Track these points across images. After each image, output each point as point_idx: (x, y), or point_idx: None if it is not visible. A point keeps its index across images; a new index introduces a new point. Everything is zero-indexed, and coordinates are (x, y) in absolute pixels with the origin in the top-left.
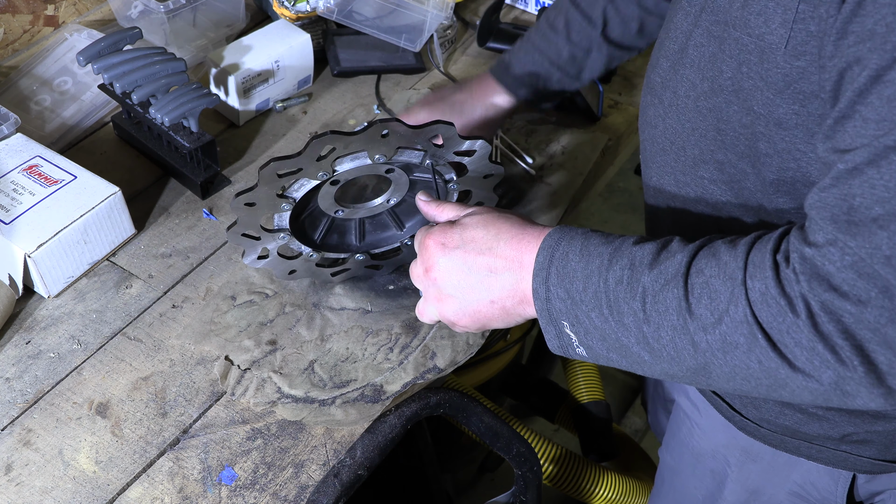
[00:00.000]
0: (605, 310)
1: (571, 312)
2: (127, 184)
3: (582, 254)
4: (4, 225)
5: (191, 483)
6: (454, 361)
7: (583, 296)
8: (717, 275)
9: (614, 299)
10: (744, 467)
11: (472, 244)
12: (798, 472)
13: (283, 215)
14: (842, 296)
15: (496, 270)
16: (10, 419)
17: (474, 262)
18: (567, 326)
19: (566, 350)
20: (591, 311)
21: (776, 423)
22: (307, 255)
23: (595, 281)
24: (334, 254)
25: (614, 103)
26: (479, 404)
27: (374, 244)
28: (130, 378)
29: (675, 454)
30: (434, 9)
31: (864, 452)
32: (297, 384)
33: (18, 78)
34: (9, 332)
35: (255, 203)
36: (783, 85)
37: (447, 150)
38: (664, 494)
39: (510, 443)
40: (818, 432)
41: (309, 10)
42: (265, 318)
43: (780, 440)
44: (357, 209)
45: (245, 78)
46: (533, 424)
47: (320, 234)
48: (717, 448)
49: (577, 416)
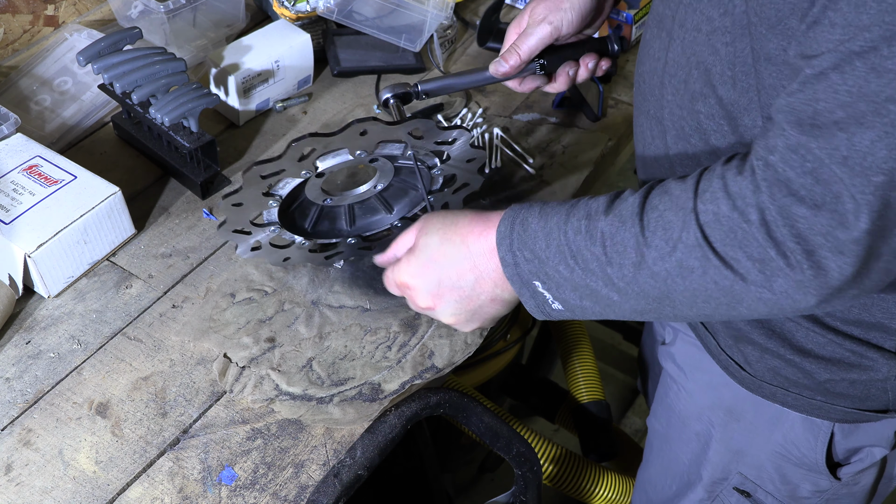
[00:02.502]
0: (570, 260)
1: (541, 271)
2: (127, 184)
3: (540, 215)
4: (4, 225)
5: (191, 483)
6: (452, 361)
7: (547, 252)
8: (669, 207)
9: (576, 249)
10: (727, 427)
11: (433, 242)
12: (780, 430)
13: (272, 210)
14: (799, 200)
15: (461, 256)
16: (10, 419)
17: (440, 258)
18: (539, 286)
19: (543, 309)
20: (559, 265)
21: (757, 365)
22: (299, 243)
23: (556, 236)
24: (326, 240)
25: (614, 103)
26: (479, 404)
27: (364, 228)
28: (130, 378)
29: (663, 420)
30: (434, 9)
31: (840, 403)
32: (295, 381)
33: (18, 78)
34: (9, 332)
35: (243, 203)
36: (775, 20)
37: (427, 142)
38: (652, 461)
39: (510, 443)
40: (796, 378)
41: (309, 10)
42: (264, 315)
43: (760, 386)
44: (345, 196)
45: (245, 78)
46: (533, 424)
47: (311, 223)
48: (703, 410)
49: (577, 416)
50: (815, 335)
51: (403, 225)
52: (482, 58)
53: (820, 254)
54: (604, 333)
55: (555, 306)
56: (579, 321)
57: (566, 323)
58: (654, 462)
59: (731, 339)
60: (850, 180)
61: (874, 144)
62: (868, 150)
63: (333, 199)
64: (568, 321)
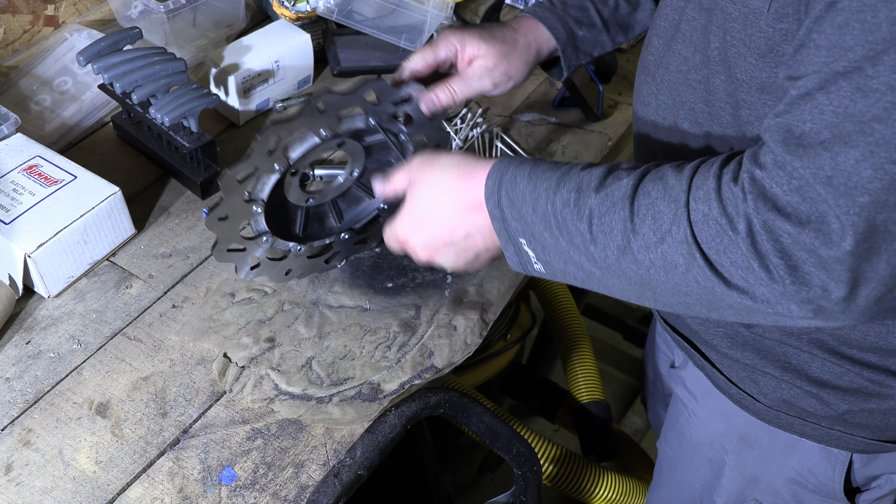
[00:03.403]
0: (555, 230)
1: (527, 231)
2: (127, 184)
3: (530, 177)
4: (4, 225)
5: (191, 483)
6: (452, 361)
7: (533, 217)
8: (662, 197)
9: (562, 221)
10: (741, 455)
11: (430, 218)
12: (795, 458)
13: (259, 219)
14: (784, 216)
15: (453, 208)
16: (10, 419)
17: (438, 230)
18: (525, 244)
19: (525, 266)
20: (544, 231)
21: (773, 395)
22: (296, 250)
23: (543, 203)
24: (320, 241)
25: (614, 103)
26: (479, 404)
27: (353, 219)
28: (130, 378)
29: (674, 445)
30: (434, 9)
31: (859, 433)
32: (294, 381)
33: (18, 78)
34: (9, 332)
35: (228, 215)
36: (766, 49)
37: (385, 104)
38: (663, 485)
39: (510, 443)
40: (813, 409)
41: (309, 10)
42: (264, 315)
43: (776, 416)
44: (325, 193)
45: (245, 78)
46: (533, 424)
47: (300, 227)
48: (715, 437)
49: (577, 416)
50: (831, 365)
51: (390, 208)
52: None
53: (804, 269)
54: (604, 333)
55: (536, 266)
56: (579, 321)
57: (566, 323)
58: (665, 486)
59: (745, 370)
60: (835, 200)
61: (859, 164)
62: (853, 169)
63: (315, 197)
64: (567, 321)
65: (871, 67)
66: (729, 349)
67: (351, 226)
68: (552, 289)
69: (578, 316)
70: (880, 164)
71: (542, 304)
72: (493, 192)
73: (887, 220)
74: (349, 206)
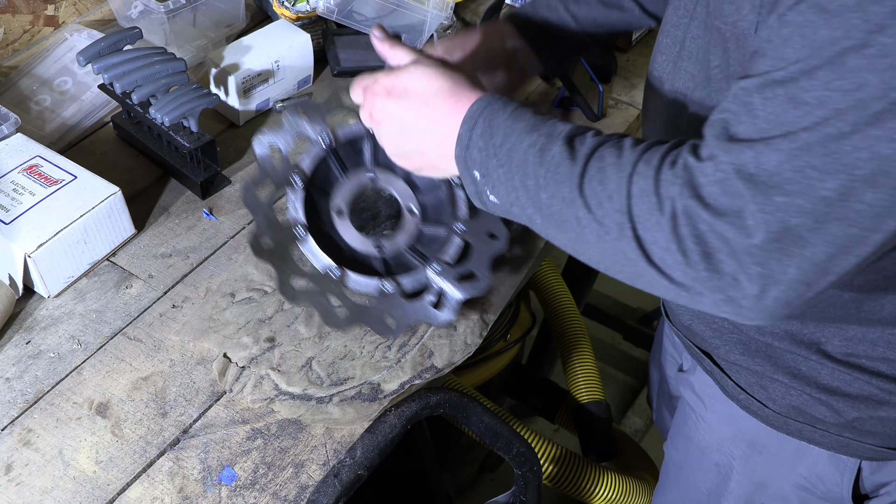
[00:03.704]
0: (514, 169)
1: (484, 164)
2: (127, 184)
3: (513, 115)
4: (4, 225)
5: (191, 483)
6: (452, 361)
7: (498, 150)
8: (613, 164)
9: (522, 161)
10: (749, 460)
11: (414, 97)
12: (804, 464)
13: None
14: (704, 206)
15: (430, 125)
16: (10, 419)
17: (412, 114)
18: (478, 176)
19: (481, 198)
20: (500, 168)
21: (782, 402)
22: (383, 288)
23: (513, 140)
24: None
25: (614, 103)
26: (479, 404)
27: (431, 239)
28: (130, 378)
29: (680, 448)
30: (434, 9)
31: (868, 440)
32: (294, 381)
33: (18, 78)
34: (9, 332)
35: (273, 242)
36: None
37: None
38: (669, 489)
39: (510, 443)
40: (823, 416)
41: (309, 10)
42: (264, 315)
43: (784, 422)
44: (395, 235)
45: (245, 78)
46: (533, 424)
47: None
48: (722, 442)
49: (577, 416)
50: (840, 374)
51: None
52: None
53: (717, 257)
54: (604, 333)
55: (491, 198)
56: (579, 321)
57: (566, 323)
58: (672, 489)
59: (754, 377)
60: (752, 197)
61: (780, 166)
62: (774, 170)
63: (386, 244)
64: (567, 321)
65: (805, 81)
66: (740, 355)
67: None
68: (552, 289)
69: (578, 316)
70: (800, 169)
71: (542, 304)
72: (473, 116)
73: (801, 225)
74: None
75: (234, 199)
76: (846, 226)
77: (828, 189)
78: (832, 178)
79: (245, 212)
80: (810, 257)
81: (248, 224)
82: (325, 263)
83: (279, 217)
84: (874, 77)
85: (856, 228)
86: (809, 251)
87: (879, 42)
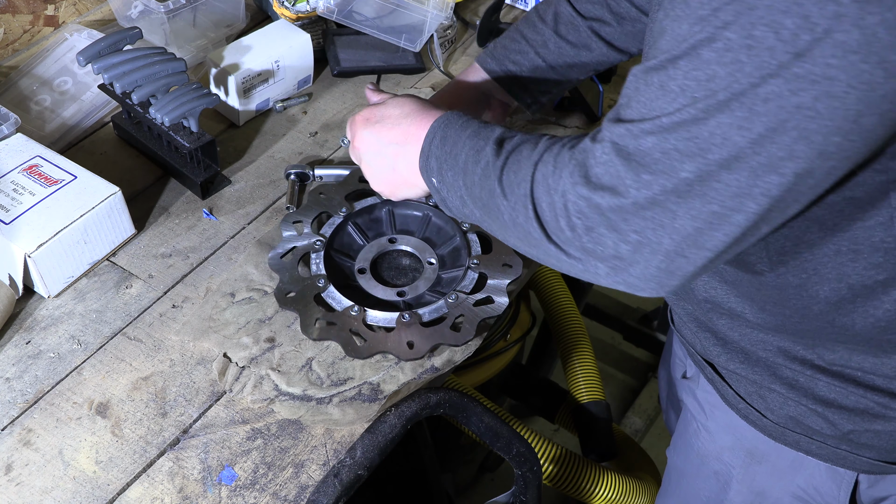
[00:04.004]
0: (458, 170)
1: (439, 170)
2: (127, 184)
3: (463, 126)
4: (4, 225)
5: (191, 483)
6: (451, 361)
7: (448, 157)
8: (525, 156)
9: (464, 162)
10: (749, 469)
11: (387, 120)
12: (802, 475)
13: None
14: (587, 182)
15: (402, 143)
16: (10, 419)
17: (386, 136)
18: (436, 183)
19: (445, 203)
20: (449, 171)
21: (780, 412)
22: (403, 320)
23: (459, 146)
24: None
25: (614, 103)
26: (479, 404)
27: (450, 280)
28: (130, 378)
29: (682, 455)
30: (434, 9)
31: (865, 453)
32: (294, 382)
33: (18, 78)
34: (9, 332)
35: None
36: None
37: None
38: (670, 495)
39: (510, 443)
40: (819, 427)
41: (309, 10)
42: (264, 315)
43: (782, 433)
44: (415, 284)
45: (245, 78)
46: (533, 424)
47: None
48: (722, 450)
49: (577, 416)
50: (836, 386)
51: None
52: None
53: (598, 231)
54: (604, 333)
55: (449, 203)
56: (579, 321)
57: (566, 323)
58: (673, 496)
59: (753, 386)
60: (627, 172)
61: (653, 147)
62: (647, 150)
63: (409, 290)
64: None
65: (672, 69)
66: (740, 364)
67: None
68: (552, 289)
69: (578, 316)
70: (666, 151)
71: (542, 304)
72: (433, 131)
73: (667, 200)
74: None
75: (234, 199)
76: (707, 203)
77: (687, 171)
78: (690, 161)
79: (245, 211)
80: (680, 229)
81: (249, 224)
82: (346, 304)
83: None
84: (721, 69)
85: (716, 206)
86: (679, 223)
87: (725, 37)
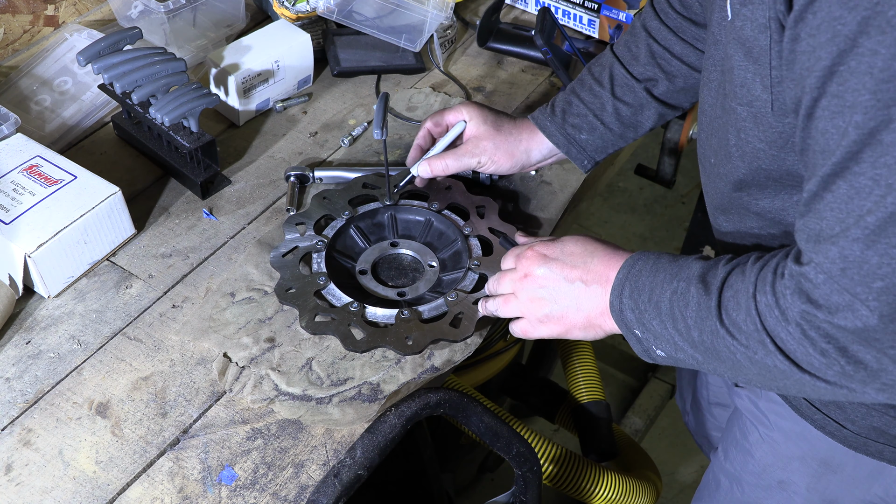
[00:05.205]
0: (665, 317)
1: (640, 321)
2: (127, 184)
3: (652, 270)
4: (4, 225)
5: (191, 483)
6: (451, 361)
7: (647, 306)
8: (740, 289)
9: (669, 308)
10: (822, 479)
11: (570, 258)
12: (880, 484)
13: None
14: (818, 307)
15: (587, 283)
16: (10, 419)
17: (570, 273)
18: (639, 334)
19: (649, 354)
20: (653, 320)
21: (862, 423)
22: (402, 316)
23: (658, 293)
24: (427, 304)
25: None
26: (479, 404)
27: (451, 282)
28: (130, 378)
29: (737, 463)
30: (434, 9)
31: None
32: (294, 382)
33: (18, 78)
34: (9, 332)
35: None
36: (782, 142)
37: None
38: (720, 500)
39: (510, 443)
40: None
41: (309, 10)
42: (264, 315)
43: (864, 443)
44: (416, 284)
45: (245, 78)
46: (533, 424)
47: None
48: (790, 460)
49: (577, 416)
50: None
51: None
52: (482, 57)
53: (852, 349)
54: None
55: (658, 353)
56: None
57: None
58: (724, 502)
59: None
60: (853, 288)
61: (864, 254)
62: (860, 259)
63: (409, 291)
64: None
65: (855, 166)
66: None
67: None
68: None
69: None
70: (883, 252)
71: None
72: (620, 283)
73: None
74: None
75: (234, 199)
76: None
77: None
78: None
79: (245, 211)
80: None
81: (249, 224)
82: (346, 300)
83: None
84: None
85: None
86: None
87: None
